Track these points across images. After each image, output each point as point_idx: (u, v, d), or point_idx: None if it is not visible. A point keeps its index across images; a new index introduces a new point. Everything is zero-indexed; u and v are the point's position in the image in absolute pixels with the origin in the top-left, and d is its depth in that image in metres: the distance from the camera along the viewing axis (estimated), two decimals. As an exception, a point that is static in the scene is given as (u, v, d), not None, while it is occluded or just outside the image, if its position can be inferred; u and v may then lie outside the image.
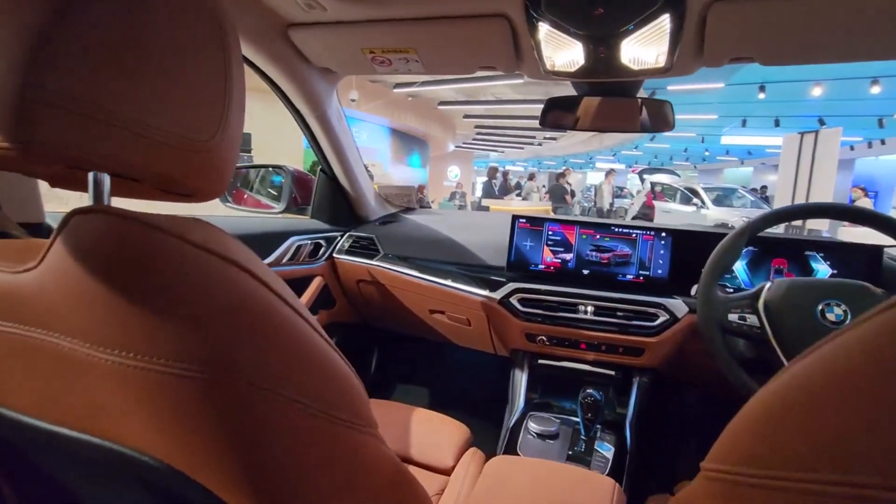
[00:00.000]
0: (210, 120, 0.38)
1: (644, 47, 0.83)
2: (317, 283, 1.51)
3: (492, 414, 1.70)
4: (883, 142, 11.06)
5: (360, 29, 0.94)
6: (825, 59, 0.86)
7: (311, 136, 1.42)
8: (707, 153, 17.03)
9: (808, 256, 1.17)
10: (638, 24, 0.76)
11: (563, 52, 0.89)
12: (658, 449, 1.59)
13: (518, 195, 11.57)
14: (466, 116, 12.14)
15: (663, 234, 1.27)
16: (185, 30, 0.36)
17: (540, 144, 16.58)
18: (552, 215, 1.54)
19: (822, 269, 1.16)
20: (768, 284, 0.96)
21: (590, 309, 1.26)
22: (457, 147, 18.12)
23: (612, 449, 1.07)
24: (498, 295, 1.32)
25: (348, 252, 1.58)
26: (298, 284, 1.46)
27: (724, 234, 1.26)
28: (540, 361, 1.35)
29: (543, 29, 0.82)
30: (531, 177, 12.47)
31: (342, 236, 1.62)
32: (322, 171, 1.57)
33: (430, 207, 10.99)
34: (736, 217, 9.36)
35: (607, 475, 1.00)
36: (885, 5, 0.69)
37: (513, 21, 0.85)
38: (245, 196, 1.88)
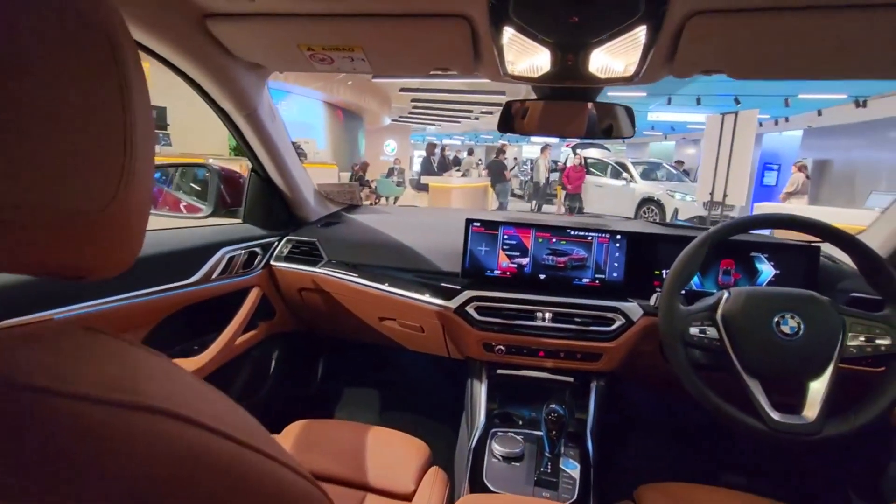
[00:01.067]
0: (105, 177, 0.27)
1: (615, 57, 0.78)
2: (254, 295, 1.37)
3: (450, 420, 1.66)
4: (787, 119, 12.07)
5: (296, 23, 0.80)
6: (792, 76, 0.85)
7: (240, 136, 1.25)
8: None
9: (753, 257, 1.21)
10: (613, 34, 0.70)
11: (527, 57, 0.81)
12: (618, 453, 1.63)
13: (457, 170, 11.52)
14: (402, 90, 11.79)
15: (618, 237, 1.26)
16: (58, 60, 0.24)
17: (477, 118, 16.53)
18: (507, 218, 1.49)
19: (766, 270, 1.20)
20: (726, 295, 0.97)
21: (548, 315, 1.23)
22: (393, 121, 17.67)
23: (578, 466, 1.06)
24: (453, 304, 1.26)
25: (288, 259, 1.45)
26: (233, 299, 1.32)
27: (678, 237, 1.27)
28: (499, 372, 1.32)
29: (508, 33, 0.74)
30: (470, 152, 12.43)
31: (280, 241, 1.47)
32: (254, 172, 1.41)
33: (370, 186, 10.75)
34: (661, 190, 9.94)
35: (575, 498, 0.99)
36: (849, 31, 0.69)
37: (474, 22, 0.76)
38: (165, 194, 1.67)
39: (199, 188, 1.61)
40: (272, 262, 1.44)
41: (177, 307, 1.12)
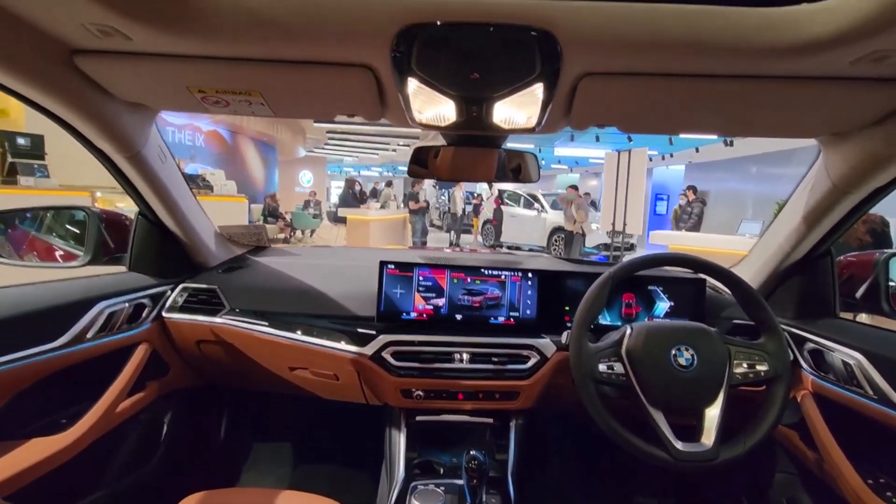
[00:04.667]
0: None
1: (517, 109, 0.81)
2: (141, 352, 1.22)
3: (368, 471, 1.57)
4: (671, 155, 13.60)
5: (184, 64, 0.74)
6: (675, 132, 0.94)
7: (123, 178, 1.12)
8: (543, 161, 19.02)
9: (651, 291, 1.30)
10: (512, 90, 0.73)
11: (433, 107, 0.82)
12: (539, 492, 1.64)
13: (375, 202, 11.50)
14: (317, 121, 11.61)
15: (530, 275, 1.30)
16: None
17: (395, 150, 16.69)
18: (422, 259, 1.48)
19: (663, 302, 1.30)
20: (628, 330, 1.02)
21: (465, 357, 1.22)
22: (308, 152, 17.29)
23: None
24: (369, 350, 1.21)
25: (183, 309, 1.31)
26: (113, 360, 1.15)
27: (585, 274, 1.34)
28: (418, 419, 1.28)
29: (413, 84, 0.74)
30: (388, 183, 12.48)
31: (173, 290, 1.33)
32: (141, 216, 1.27)
33: (284, 219, 10.32)
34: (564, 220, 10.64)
35: None
36: (721, 95, 0.78)
37: (378, 73, 0.75)
38: (31, 240, 1.44)
39: (78, 232, 1.42)
40: (164, 314, 1.29)
41: (38, 377, 0.95)
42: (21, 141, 4.97)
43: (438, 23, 0.64)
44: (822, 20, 0.58)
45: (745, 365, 0.99)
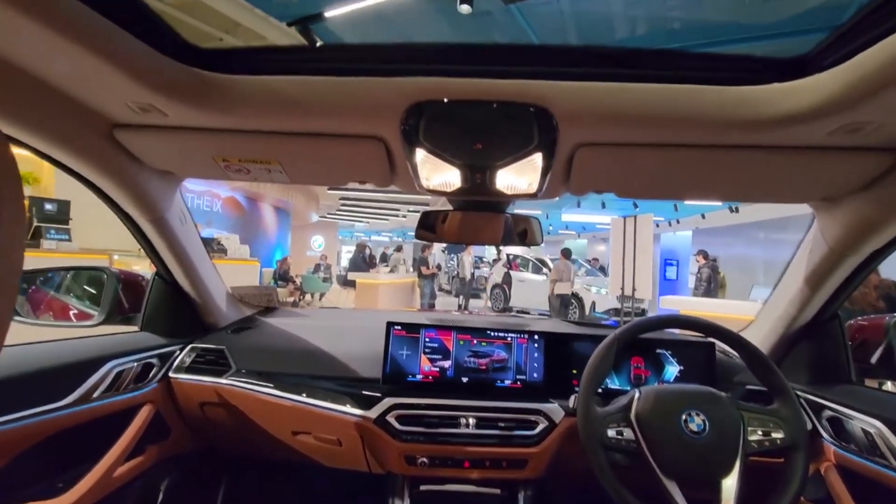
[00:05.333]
0: None
1: (518, 176, 0.86)
2: (144, 414, 1.21)
3: None
4: (678, 221, 13.76)
5: (212, 137, 0.81)
6: (670, 198, 0.99)
7: (145, 240, 1.18)
8: (551, 228, 19.30)
9: (659, 354, 1.29)
10: (513, 159, 0.78)
11: (439, 174, 0.88)
12: None
13: (385, 266, 11.63)
14: (331, 189, 12.05)
15: (536, 338, 1.30)
16: None
17: (405, 216, 17.11)
18: (429, 320, 1.49)
19: (672, 367, 1.28)
20: (637, 394, 1.00)
21: (472, 421, 1.20)
22: (321, 218, 17.78)
23: None
24: (373, 413, 1.19)
25: (190, 369, 1.31)
26: (116, 421, 1.15)
27: (591, 336, 1.33)
28: (422, 488, 1.23)
29: (420, 154, 0.80)
30: (398, 248, 12.67)
31: (182, 350, 1.34)
32: (158, 276, 1.31)
33: (295, 282, 10.44)
34: (578, 285, 10.59)
35: None
36: (709, 164, 0.82)
37: (388, 143, 0.81)
38: (49, 300, 1.49)
39: (94, 292, 1.46)
40: (171, 374, 1.30)
41: (42, 436, 0.95)
42: (48, 207, 5.19)
43: (445, 100, 0.70)
44: (794, 97, 0.63)
45: (759, 432, 0.96)
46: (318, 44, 4.42)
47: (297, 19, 4.31)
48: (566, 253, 8.99)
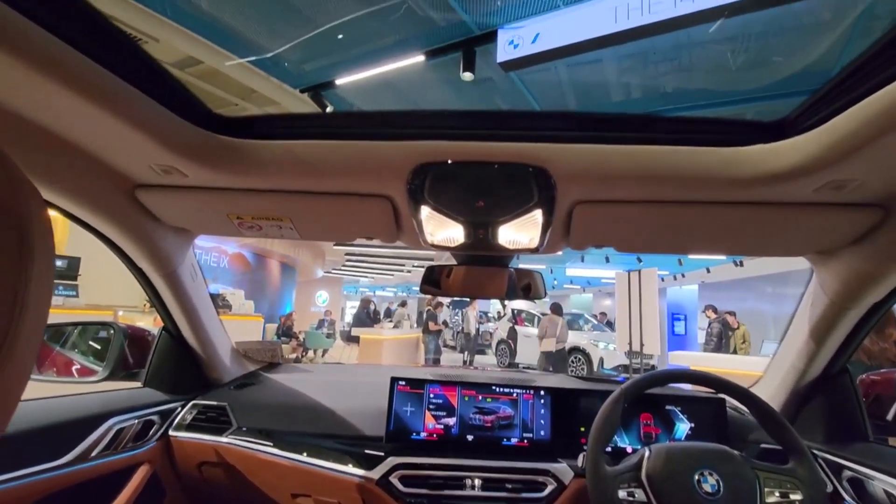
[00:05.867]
0: None
1: (519, 232, 0.89)
2: (140, 475, 1.18)
3: None
4: (683, 275, 13.74)
5: (227, 196, 0.85)
6: (667, 252, 1.01)
7: (155, 294, 1.20)
8: (556, 282, 19.27)
9: (669, 411, 1.26)
10: (514, 215, 0.82)
11: (443, 230, 0.91)
12: None
13: (389, 321, 11.54)
14: (337, 245, 12.22)
15: (542, 394, 1.27)
16: None
17: (409, 272, 17.18)
18: (433, 376, 1.48)
19: (682, 423, 1.24)
20: (647, 453, 0.97)
21: (477, 482, 1.15)
22: (326, 273, 17.88)
23: None
24: (376, 474, 1.15)
25: (190, 427, 1.29)
26: (112, 482, 1.11)
27: (598, 391, 1.31)
28: None
29: (425, 211, 0.84)
30: (402, 303, 12.62)
31: (183, 407, 1.32)
32: (165, 331, 1.32)
33: (298, 338, 10.34)
34: (586, 340, 10.41)
35: None
36: (703, 220, 0.86)
37: (395, 201, 0.85)
38: (54, 355, 1.49)
39: (99, 347, 1.46)
40: (171, 433, 1.27)
41: (38, 497, 0.92)
42: (59, 263, 5.28)
43: (449, 161, 0.74)
44: (777, 158, 0.66)
45: (777, 493, 0.92)
46: (329, 109, 4.67)
47: (309, 87, 4.59)
48: (555, 308, 8.50)
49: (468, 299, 12.56)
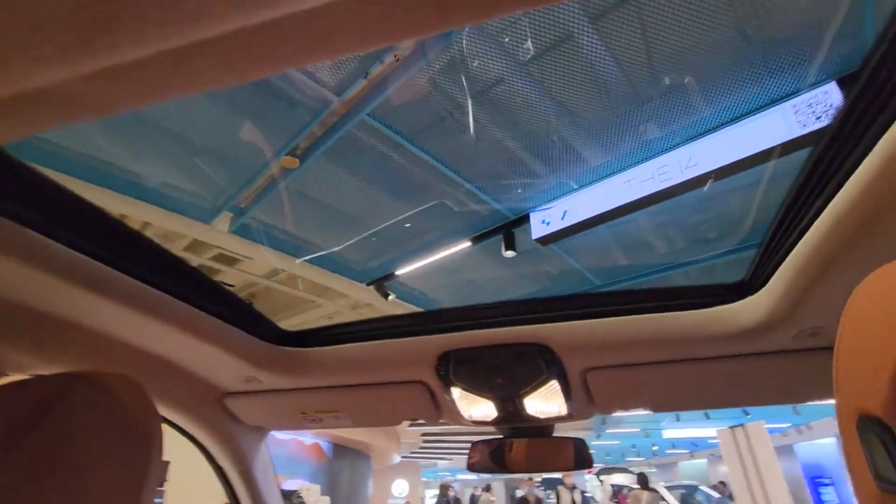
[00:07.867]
0: None
1: (543, 402, 0.97)
2: None
3: None
4: (809, 427, 11.64)
5: (295, 395, 1.04)
6: (699, 408, 1.04)
7: (231, 491, 1.33)
8: (655, 447, 16.98)
9: None
10: (533, 387, 0.92)
11: (477, 406, 1.02)
12: None
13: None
14: (412, 424, 11.87)
15: None
16: (98, 449, 0.37)
17: (489, 449, 15.91)
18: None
19: None
20: None
21: None
22: (402, 457, 16.96)
23: None
24: None
25: None
26: None
27: None
28: None
29: (456, 392, 0.96)
30: (486, 488, 11.49)
31: None
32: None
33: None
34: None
35: None
36: (720, 373, 0.90)
37: (429, 386, 0.99)
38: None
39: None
40: None
41: None
42: (152, 469, 5.52)
43: (467, 347, 0.90)
44: (747, 314, 0.76)
45: None
46: (391, 297, 5.23)
47: (373, 280, 5.24)
48: (642, 480, 7.28)
49: (560, 475, 11.21)
